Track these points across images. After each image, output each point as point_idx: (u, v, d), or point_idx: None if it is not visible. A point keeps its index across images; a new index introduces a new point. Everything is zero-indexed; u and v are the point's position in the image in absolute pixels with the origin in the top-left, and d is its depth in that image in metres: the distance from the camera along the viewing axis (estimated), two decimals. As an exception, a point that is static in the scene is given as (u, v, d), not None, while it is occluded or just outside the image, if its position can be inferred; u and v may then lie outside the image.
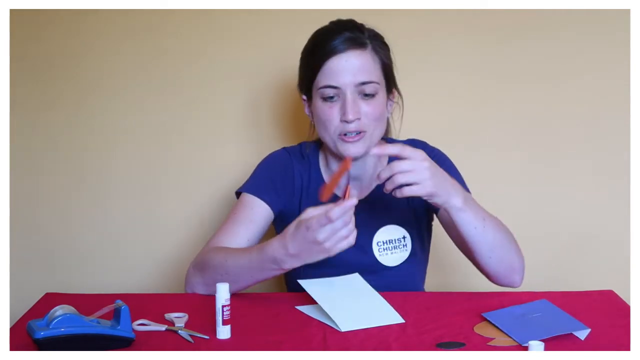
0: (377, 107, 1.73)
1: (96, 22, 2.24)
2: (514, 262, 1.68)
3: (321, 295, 1.56)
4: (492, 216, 1.67)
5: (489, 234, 1.63)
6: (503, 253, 1.66)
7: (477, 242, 1.64)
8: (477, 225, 1.62)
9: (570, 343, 1.39)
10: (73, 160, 2.29)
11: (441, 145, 1.91)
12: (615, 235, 2.23)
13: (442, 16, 2.21)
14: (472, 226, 1.62)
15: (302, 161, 1.87)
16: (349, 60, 1.71)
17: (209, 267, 1.69)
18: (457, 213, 1.60)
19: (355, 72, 1.71)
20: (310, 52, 1.77)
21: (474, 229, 1.62)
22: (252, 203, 1.79)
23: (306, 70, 1.78)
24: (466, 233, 1.63)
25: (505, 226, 1.70)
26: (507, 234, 1.69)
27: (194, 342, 1.42)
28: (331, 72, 1.71)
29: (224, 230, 1.78)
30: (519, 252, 1.70)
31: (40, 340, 1.32)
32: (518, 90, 2.24)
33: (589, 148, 2.25)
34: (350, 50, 1.71)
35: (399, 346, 1.40)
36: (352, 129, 1.71)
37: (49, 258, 2.32)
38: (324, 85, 1.72)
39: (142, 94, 2.27)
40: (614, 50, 2.19)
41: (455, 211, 1.60)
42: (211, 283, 1.65)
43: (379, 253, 1.81)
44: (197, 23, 2.24)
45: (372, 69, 1.73)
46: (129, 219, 2.31)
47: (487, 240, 1.64)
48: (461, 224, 1.61)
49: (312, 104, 1.78)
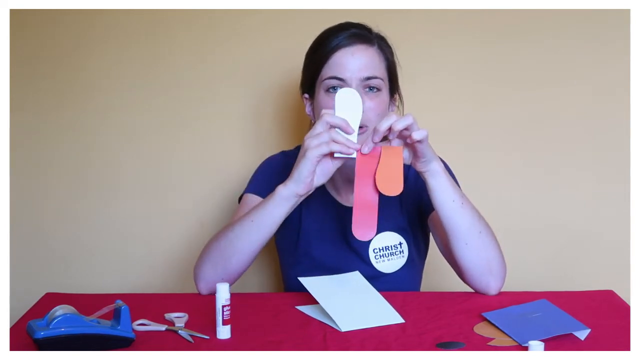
0: (381, 103, 1.74)
1: (98, 22, 2.24)
2: (492, 262, 1.66)
3: (321, 295, 1.56)
4: (473, 206, 1.66)
5: (466, 215, 1.62)
6: (480, 245, 1.64)
7: (454, 222, 1.62)
8: (455, 199, 1.61)
9: (570, 343, 1.39)
10: (73, 161, 2.29)
11: (441, 145, 1.91)
12: (615, 235, 2.23)
13: (442, 17, 2.21)
14: (449, 198, 1.61)
15: None
16: (355, 54, 1.72)
17: (214, 241, 1.70)
18: (437, 177, 1.59)
19: (361, 66, 1.72)
20: (316, 48, 1.77)
21: (451, 202, 1.61)
22: (254, 202, 1.79)
23: (311, 65, 1.78)
24: (443, 206, 1.61)
25: (489, 225, 1.68)
26: (488, 230, 1.67)
27: (194, 342, 1.42)
28: (337, 65, 1.72)
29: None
30: (499, 256, 1.68)
31: (40, 340, 1.32)
32: (518, 91, 2.24)
33: (589, 148, 2.25)
34: (357, 44, 1.73)
35: (399, 346, 1.40)
36: None
37: (49, 258, 2.32)
38: (329, 77, 1.73)
39: (144, 95, 2.27)
40: (614, 51, 2.19)
41: (436, 175, 1.59)
42: (218, 256, 1.67)
43: (376, 260, 1.80)
44: (200, 24, 2.24)
45: (377, 66, 1.74)
46: (129, 219, 2.31)
47: (464, 222, 1.62)
48: (440, 190, 1.60)
49: (315, 99, 1.77)
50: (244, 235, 1.65)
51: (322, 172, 1.60)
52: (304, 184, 1.59)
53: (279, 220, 1.65)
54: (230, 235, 1.67)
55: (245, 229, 1.65)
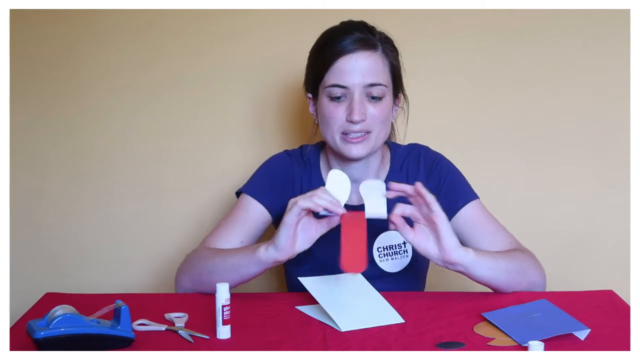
0: (384, 110, 1.73)
1: (98, 22, 2.24)
2: (533, 280, 1.71)
3: (321, 295, 1.56)
4: (501, 252, 1.70)
5: (502, 270, 1.66)
6: (520, 280, 1.68)
7: (496, 284, 1.67)
8: (492, 266, 1.64)
9: (570, 343, 1.39)
10: (74, 161, 2.29)
11: (441, 145, 1.92)
12: (615, 235, 2.23)
13: (442, 17, 2.21)
14: (488, 272, 1.65)
15: (302, 164, 1.86)
16: (359, 60, 1.71)
17: (197, 260, 1.71)
18: (475, 267, 1.62)
19: (364, 73, 1.71)
20: (319, 51, 1.76)
21: (489, 270, 1.64)
22: (249, 205, 1.80)
23: (314, 68, 1.77)
24: (486, 282, 1.67)
25: (519, 249, 1.73)
26: (522, 260, 1.70)
27: (194, 342, 1.42)
28: (340, 72, 1.71)
29: (218, 231, 1.79)
30: (536, 269, 1.72)
31: (40, 340, 1.32)
32: (518, 91, 2.24)
33: (589, 148, 2.25)
34: (360, 50, 1.71)
35: (399, 346, 1.40)
36: (357, 130, 1.71)
37: (49, 258, 2.32)
38: (332, 84, 1.72)
39: (144, 95, 2.27)
40: (614, 51, 2.19)
41: (473, 265, 1.62)
42: (196, 276, 1.68)
43: (380, 259, 1.80)
44: (201, 24, 2.24)
45: (381, 71, 1.73)
46: (129, 219, 2.31)
47: (502, 277, 1.66)
48: (481, 276, 1.65)
49: (318, 102, 1.77)
50: (222, 272, 1.65)
51: (304, 238, 1.59)
52: (284, 251, 1.58)
53: (258, 275, 1.66)
54: (211, 267, 1.67)
55: (225, 268, 1.65)
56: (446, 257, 1.59)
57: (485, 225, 1.78)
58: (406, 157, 1.86)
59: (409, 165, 1.84)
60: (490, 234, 1.77)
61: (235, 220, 1.79)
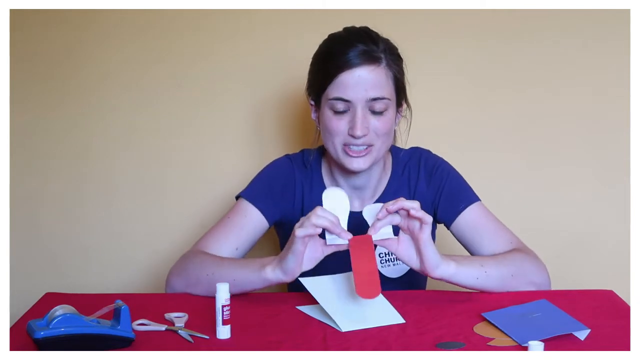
0: (386, 123, 1.72)
1: (98, 22, 2.24)
2: (533, 280, 1.70)
3: (322, 295, 1.56)
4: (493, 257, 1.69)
5: (493, 277, 1.65)
6: (519, 282, 1.68)
7: (488, 289, 1.66)
8: (479, 275, 1.64)
9: (570, 343, 1.39)
10: (74, 161, 2.29)
11: (441, 145, 1.92)
12: (615, 235, 2.23)
13: (442, 17, 2.21)
14: (473, 280, 1.64)
15: (303, 169, 1.85)
16: (362, 75, 1.69)
17: (194, 265, 1.69)
18: (455, 278, 1.62)
19: (367, 87, 1.69)
20: (322, 61, 1.74)
21: (476, 280, 1.64)
22: (246, 210, 1.79)
23: (317, 77, 1.75)
24: (472, 287, 1.66)
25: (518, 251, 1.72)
26: (518, 263, 1.69)
27: (194, 342, 1.42)
28: (343, 86, 1.69)
29: (214, 234, 1.77)
30: (536, 269, 1.71)
31: (40, 340, 1.32)
32: (518, 91, 2.24)
33: (589, 148, 2.25)
34: (364, 65, 1.69)
35: (399, 346, 1.40)
36: (359, 144, 1.71)
37: (49, 258, 2.32)
38: (334, 97, 1.70)
39: (143, 96, 2.27)
40: (614, 51, 2.19)
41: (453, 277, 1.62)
42: (193, 281, 1.67)
43: (381, 265, 1.80)
44: (201, 26, 2.24)
45: (384, 85, 1.71)
46: (129, 220, 2.31)
47: (496, 283, 1.66)
48: (464, 282, 1.64)
49: (320, 111, 1.76)
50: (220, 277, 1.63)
51: (309, 259, 1.58)
52: (291, 274, 1.58)
53: (258, 289, 1.65)
54: (211, 276, 1.65)
55: (226, 280, 1.61)
56: (427, 273, 1.60)
57: (486, 226, 1.78)
58: (407, 162, 1.85)
59: (410, 171, 1.84)
60: (491, 235, 1.77)
61: (232, 225, 1.78)
